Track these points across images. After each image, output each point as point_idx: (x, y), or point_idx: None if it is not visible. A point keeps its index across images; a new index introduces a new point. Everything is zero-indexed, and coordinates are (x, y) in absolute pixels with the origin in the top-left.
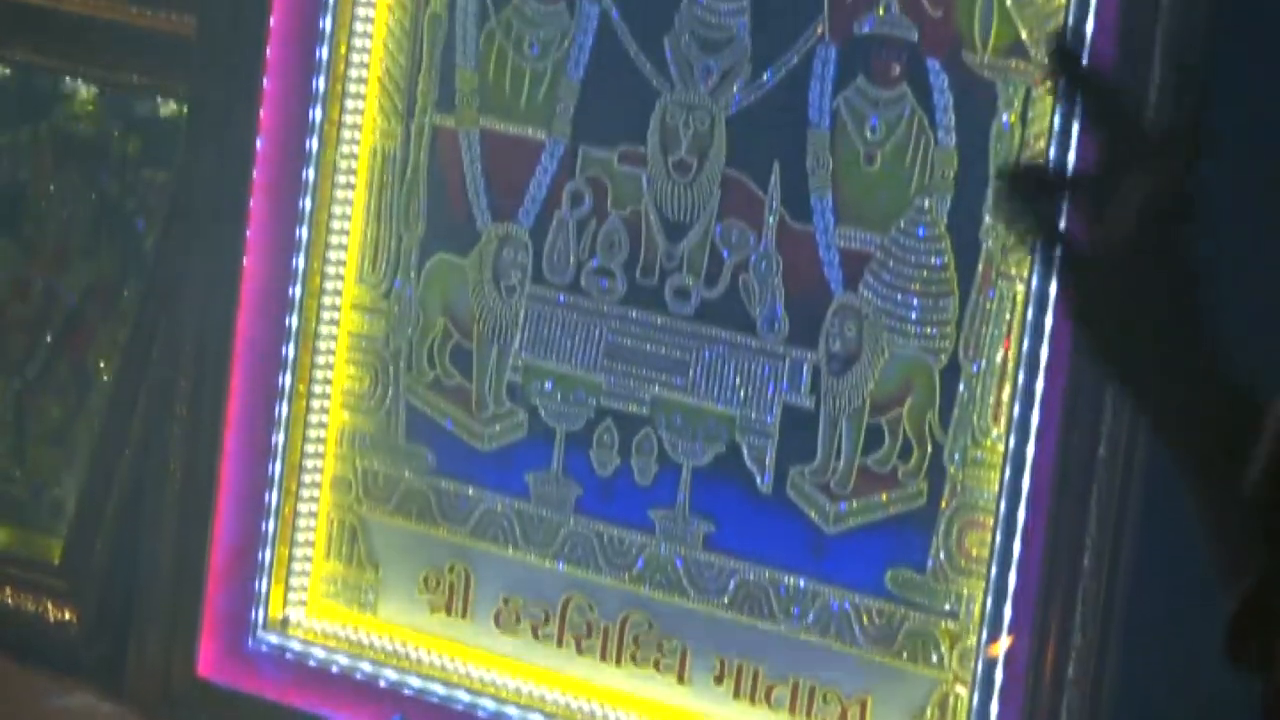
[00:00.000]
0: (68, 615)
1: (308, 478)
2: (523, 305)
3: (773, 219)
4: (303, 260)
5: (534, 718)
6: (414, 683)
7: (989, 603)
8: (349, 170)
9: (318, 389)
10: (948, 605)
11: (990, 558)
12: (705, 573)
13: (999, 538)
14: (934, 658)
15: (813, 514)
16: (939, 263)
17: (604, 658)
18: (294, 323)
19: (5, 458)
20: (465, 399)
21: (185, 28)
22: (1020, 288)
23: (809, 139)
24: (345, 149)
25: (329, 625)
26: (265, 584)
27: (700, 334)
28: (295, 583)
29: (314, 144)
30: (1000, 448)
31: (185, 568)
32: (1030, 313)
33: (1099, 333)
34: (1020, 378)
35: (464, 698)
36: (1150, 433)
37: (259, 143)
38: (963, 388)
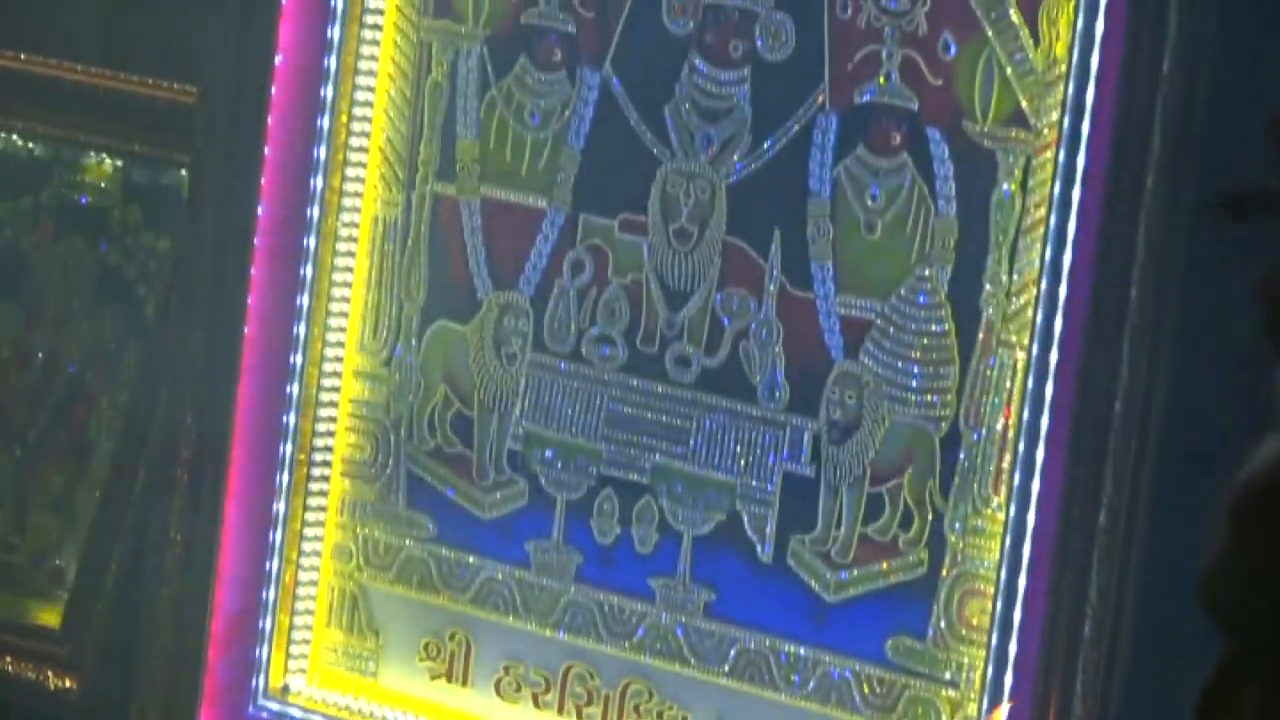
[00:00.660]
0: (68, 683)
1: (308, 545)
2: (523, 373)
3: (773, 287)
4: (304, 328)
5: None
6: None
7: (989, 671)
8: (350, 238)
9: (318, 457)
10: (948, 674)
11: (991, 626)
12: (706, 641)
13: (999, 606)
14: None
15: (813, 582)
16: (939, 330)
17: None
18: (295, 390)
19: (6, 525)
20: (466, 467)
21: (187, 96)
22: (1021, 356)
23: (809, 207)
24: (346, 217)
25: (329, 693)
26: (266, 651)
27: (701, 402)
28: (296, 650)
29: (315, 212)
30: (1001, 516)
31: (186, 635)
32: (1031, 381)
33: None
34: (1021, 446)
35: None
36: None
37: (260, 210)
38: (963, 456)
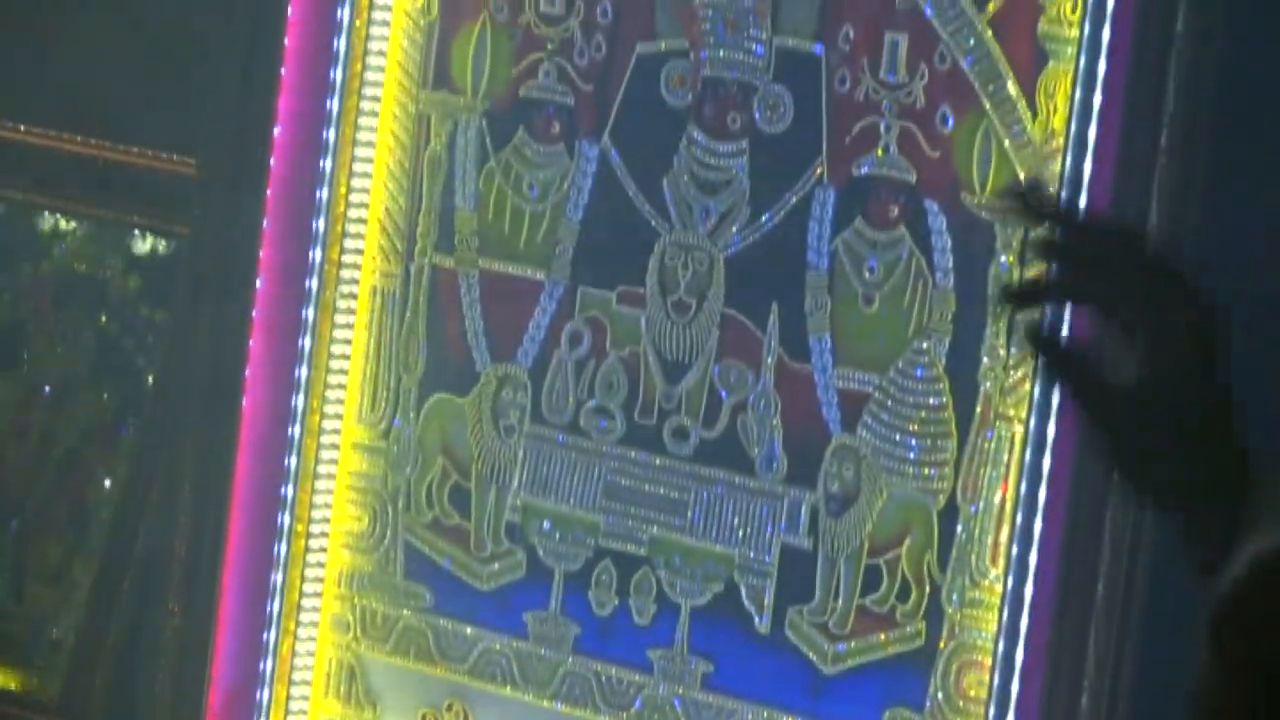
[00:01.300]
0: None
1: (306, 617)
2: (521, 445)
3: (771, 359)
4: (302, 399)
5: None
6: None
7: None
8: (349, 310)
9: (316, 528)
10: None
11: (988, 698)
12: (704, 713)
13: (997, 678)
14: None
15: (811, 654)
16: (937, 403)
17: None
18: (293, 462)
19: (4, 595)
20: (464, 538)
21: (187, 168)
22: (1018, 429)
23: (807, 280)
24: (345, 289)
25: None
26: None
27: (699, 474)
28: None
29: (314, 284)
30: (999, 588)
31: (183, 707)
32: (1028, 454)
33: (1128, 458)
34: (1018, 519)
35: None
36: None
37: (259, 282)
38: (961, 529)
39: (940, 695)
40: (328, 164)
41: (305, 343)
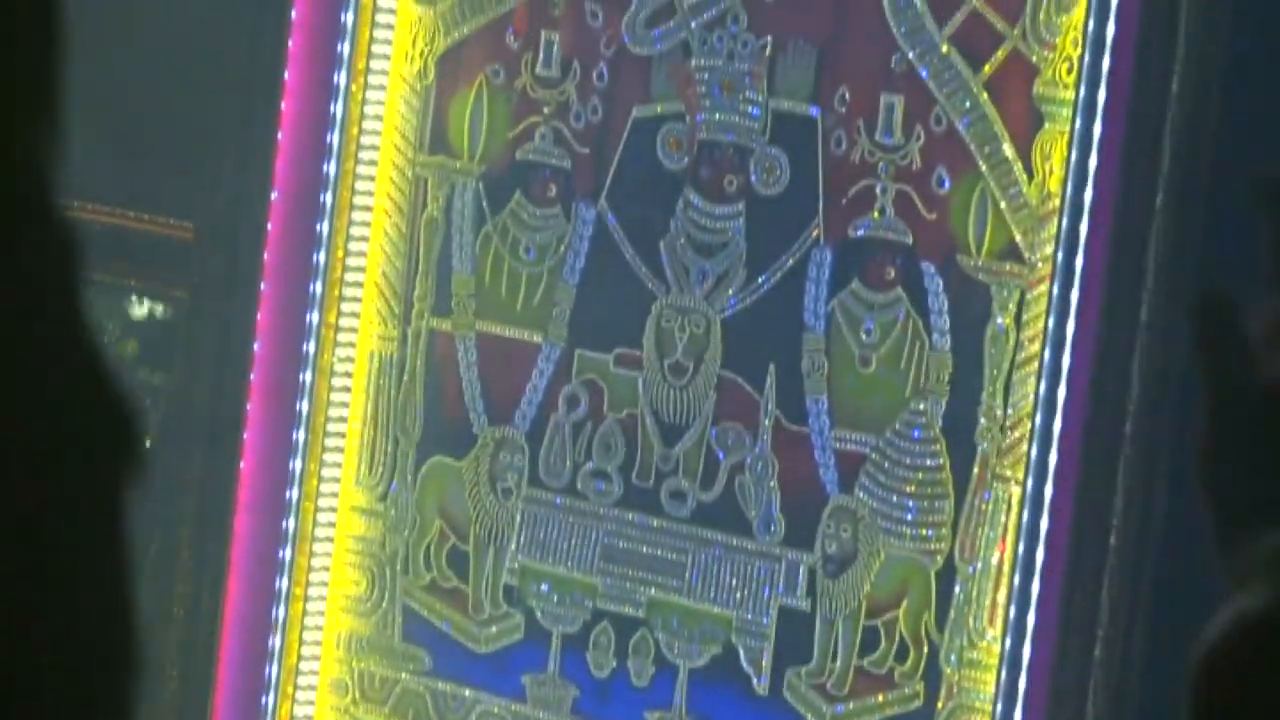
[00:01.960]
0: None
1: (304, 680)
2: (519, 508)
3: (768, 421)
4: (300, 463)
5: None
6: None
7: None
8: (346, 374)
9: (314, 591)
10: None
11: None
12: None
13: None
14: None
15: (810, 715)
16: (934, 465)
17: None
18: (291, 525)
19: None
20: (462, 601)
21: (184, 233)
22: (1016, 490)
23: (804, 342)
24: (342, 352)
25: None
26: None
27: (696, 536)
28: None
29: (311, 347)
30: (997, 649)
31: None
32: (1026, 515)
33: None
34: (1016, 580)
35: None
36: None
37: (257, 346)
38: (959, 589)
39: None
40: (325, 228)
41: (303, 406)
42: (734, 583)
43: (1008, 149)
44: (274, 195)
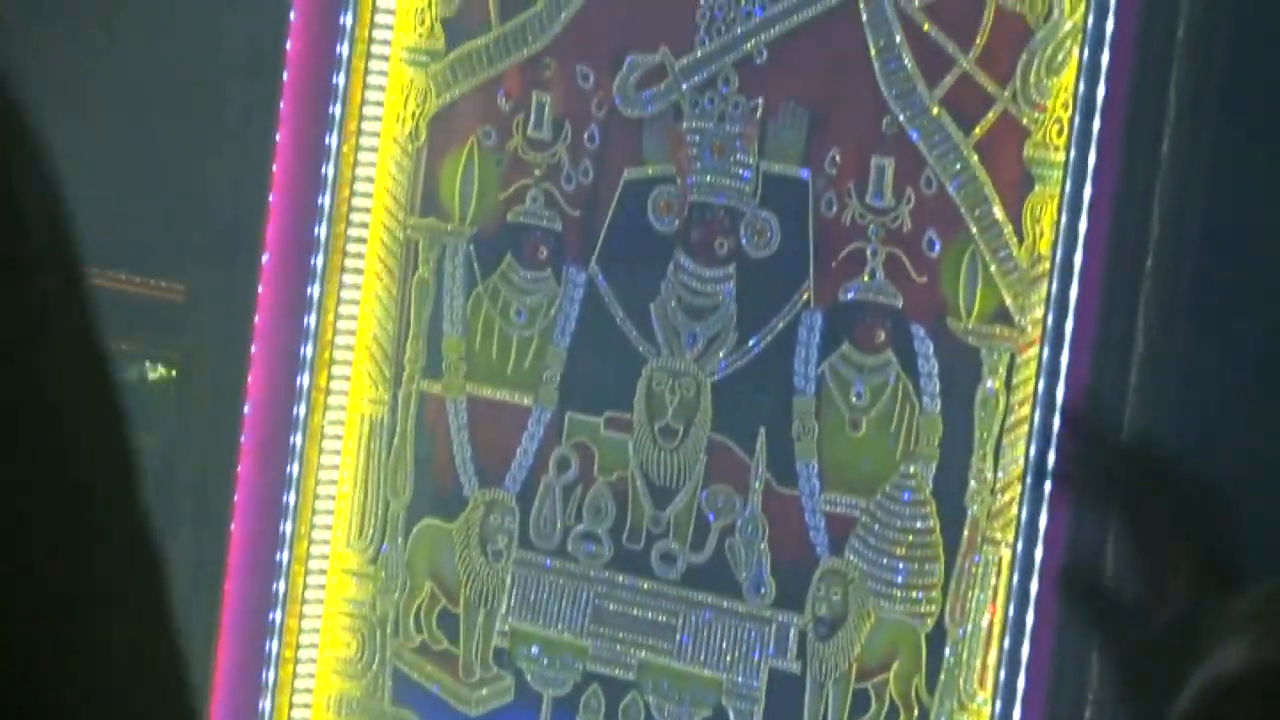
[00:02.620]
0: None
1: None
2: (509, 570)
3: (758, 484)
4: (290, 525)
5: None
6: None
7: None
8: (336, 436)
9: (305, 654)
10: None
11: None
12: None
13: None
14: None
15: None
16: (924, 527)
17: None
18: (281, 587)
19: None
20: (452, 663)
21: (176, 294)
22: (1006, 553)
23: (794, 405)
24: (333, 415)
25: None
26: None
27: (687, 599)
28: None
29: (302, 410)
30: (986, 712)
31: None
32: (1016, 578)
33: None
34: (1006, 643)
35: None
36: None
37: (247, 408)
38: (949, 652)
39: None
40: (316, 290)
41: (293, 469)
42: (724, 645)
43: (998, 211)
44: (265, 257)
